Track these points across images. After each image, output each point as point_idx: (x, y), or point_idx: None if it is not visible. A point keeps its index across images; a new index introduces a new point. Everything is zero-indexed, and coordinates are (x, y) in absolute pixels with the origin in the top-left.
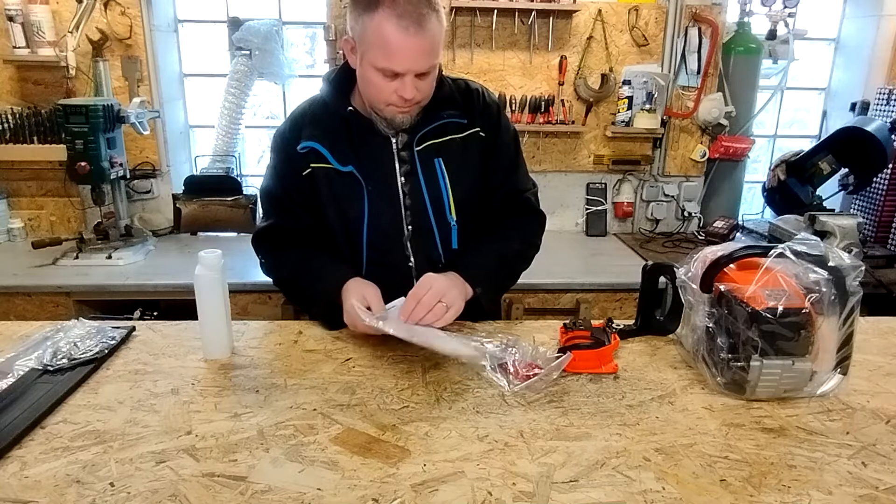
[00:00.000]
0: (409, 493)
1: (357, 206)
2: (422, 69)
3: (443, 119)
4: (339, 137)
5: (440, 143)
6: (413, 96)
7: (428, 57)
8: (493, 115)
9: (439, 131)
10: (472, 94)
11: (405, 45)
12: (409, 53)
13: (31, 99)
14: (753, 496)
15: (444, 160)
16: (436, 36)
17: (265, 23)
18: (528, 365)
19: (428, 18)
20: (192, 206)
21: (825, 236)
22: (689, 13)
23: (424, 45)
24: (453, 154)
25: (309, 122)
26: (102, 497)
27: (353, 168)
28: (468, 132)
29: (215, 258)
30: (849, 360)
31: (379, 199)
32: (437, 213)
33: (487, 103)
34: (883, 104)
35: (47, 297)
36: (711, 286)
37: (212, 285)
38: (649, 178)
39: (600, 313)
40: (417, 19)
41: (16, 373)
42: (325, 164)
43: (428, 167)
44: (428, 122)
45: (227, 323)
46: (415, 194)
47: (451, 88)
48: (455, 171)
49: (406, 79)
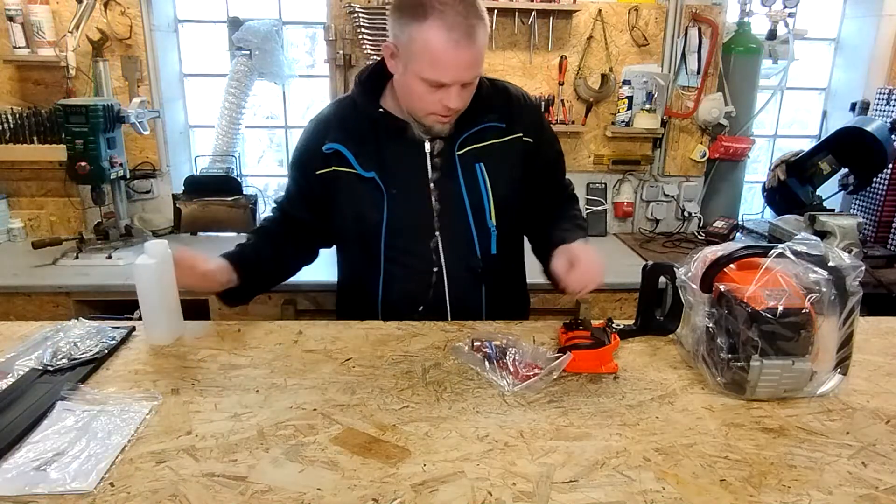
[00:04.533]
0: (409, 493)
1: (376, 212)
2: (469, 80)
3: (483, 124)
4: (366, 141)
5: (481, 147)
6: (457, 106)
7: (475, 68)
8: (536, 120)
9: (479, 135)
10: (511, 97)
11: (455, 58)
12: (458, 66)
13: (31, 99)
14: (753, 496)
15: (485, 165)
16: (483, 46)
17: (265, 23)
18: (528, 365)
19: (477, 28)
20: (192, 206)
21: (825, 236)
22: (689, 13)
23: (473, 56)
24: (494, 159)
25: (336, 123)
26: (102, 497)
27: (376, 174)
28: (509, 137)
29: (160, 247)
30: (849, 360)
31: (402, 205)
32: (477, 218)
33: (529, 107)
34: (883, 104)
35: (47, 297)
36: (711, 286)
37: (149, 273)
38: (649, 178)
39: (600, 313)
40: (467, 31)
41: (16, 373)
42: (347, 168)
43: (468, 171)
44: (468, 127)
45: (167, 310)
46: (449, 199)
47: (489, 91)
48: (496, 175)
49: (452, 89)
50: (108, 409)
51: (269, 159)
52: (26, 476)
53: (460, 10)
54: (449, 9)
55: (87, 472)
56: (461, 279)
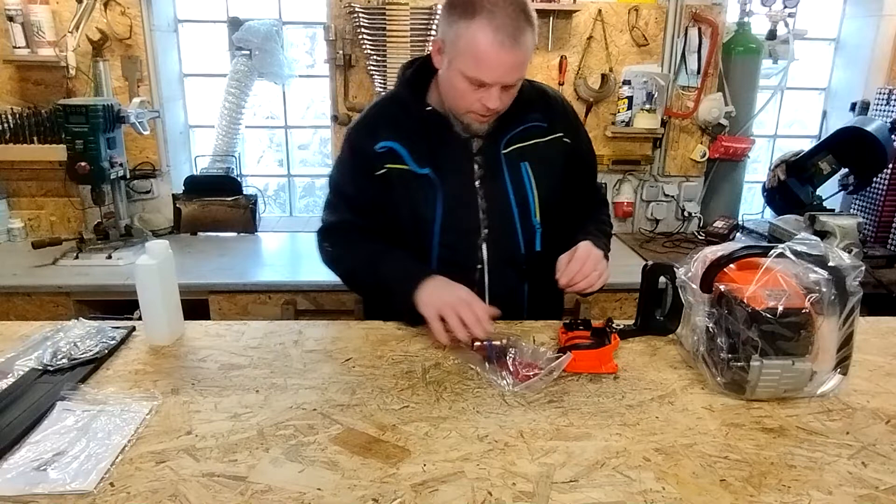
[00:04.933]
0: (409, 493)
1: (430, 208)
2: (510, 82)
3: (527, 123)
4: (418, 138)
5: (525, 146)
6: (496, 107)
7: (518, 71)
8: (573, 122)
9: (523, 135)
10: (550, 99)
11: (498, 59)
12: (500, 67)
13: (31, 99)
14: (753, 496)
15: (530, 163)
16: (529, 50)
17: (265, 23)
18: (528, 365)
19: (523, 32)
20: (192, 206)
21: (825, 236)
22: (689, 13)
23: (517, 59)
24: (538, 157)
25: (386, 122)
26: (102, 497)
27: (430, 170)
28: (551, 137)
29: (161, 247)
30: (849, 360)
31: (454, 201)
32: (522, 216)
33: (567, 110)
34: (883, 104)
35: (47, 297)
36: (711, 286)
37: (150, 273)
38: (649, 178)
39: (600, 313)
40: (513, 33)
41: (16, 373)
42: (401, 166)
43: (514, 170)
44: (513, 127)
45: (168, 310)
46: (495, 197)
47: (531, 92)
48: (540, 174)
49: (492, 90)
50: (108, 409)
51: (269, 159)
52: (26, 476)
53: (510, 12)
54: (499, 10)
55: (87, 472)
56: (505, 277)
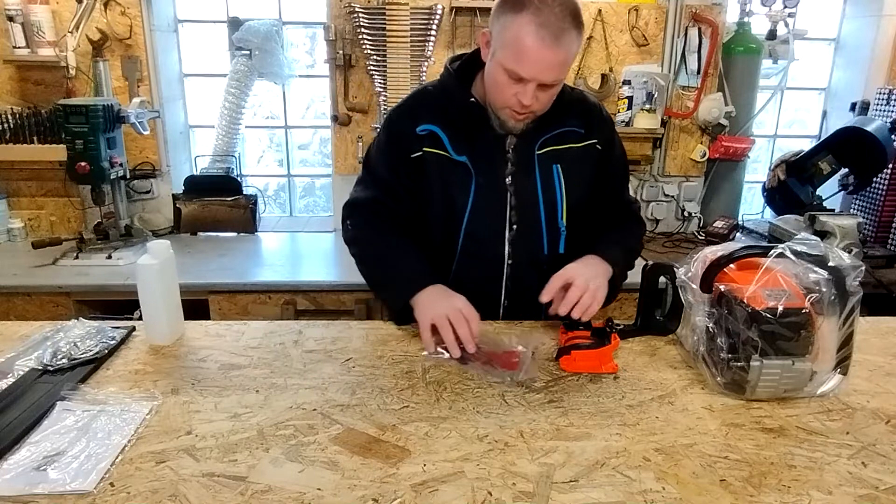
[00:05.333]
0: (409, 493)
1: (463, 196)
2: (547, 81)
3: (565, 127)
4: (458, 126)
5: (560, 149)
6: (530, 104)
7: (556, 70)
8: (609, 131)
9: (559, 138)
10: (590, 107)
11: (537, 54)
12: (539, 63)
13: (31, 99)
14: (753, 496)
15: (562, 167)
16: (570, 52)
17: (265, 23)
18: (508, 353)
19: (567, 34)
20: (192, 206)
21: (825, 236)
22: (689, 13)
23: (557, 58)
24: (571, 162)
25: (429, 107)
26: (102, 497)
27: (467, 158)
28: (586, 143)
29: (163, 248)
30: (849, 360)
31: (486, 193)
32: (549, 217)
33: (604, 118)
34: (883, 104)
35: (47, 297)
36: (711, 286)
37: (152, 273)
38: (649, 178)
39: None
40: (557, 32)
41: (16, 373)
42: (439, 150)
43: (546, 171)
44: (551, 128)
45: (168, 310)
46: (524, 195)
47: (571, 97)
48: (571, 178)
49: (529, 86)
50: (108, 409)
51: (269, 159)
52: (26, 476)
53: (557, 11)
54: (546, 7)
55: (87, 472)
56: (526, 276)
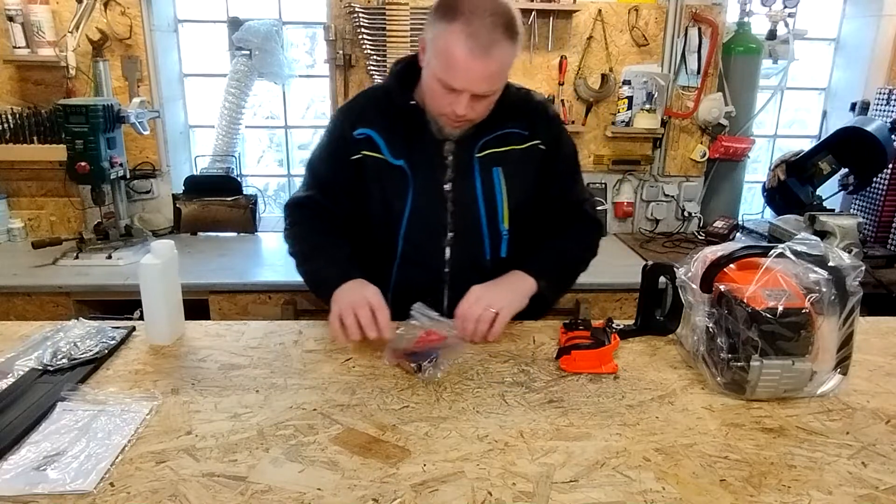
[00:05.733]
0: (409, 493)
1: (400, 201)
2: (479, 92)
3: (506, 129)
4: (396, 130)
5: (501, 152)
6: (464, 114)
7: (487, 82)
8: (555, 129)
9: (501, 140)
10: (534, 107)
11: (467, 66)
12: (468, 74)
13: (31, 99)
14: (753, 496)
15: (504, 170)
16: (502, 64)
17: (265, 23)
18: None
19: (498, 45)
20: (192, 206)
21: (825, 236)
22: (689, 13)
23: (486, 70)
24: (512, 164)
25: (370, 110)
26: (102, 497)
27: (404, 162)
28: (528, 144)
29: (165, 248)
30: (849, 360)
31: (424, 198)
32: (490, 221)
33: (550, 117)
34: (883, 104)
35: (47, 297)
36: (711, 286)
37: (154, 273)
38: (649, 178)
39: (600, 313)
40: (487, 44)
41: (16, 373)
42: (376, 154)
43: (486, 174)
44: (491, 131)
45: (170, 310)
46: (463, 200)
47: (514, 98)
48: (512, 181)
49: (462, 96)
50: (108, 409)
51: (269, 159)
52: (26, 476)
53: (488, 22)
54: (477, 18)
55: (87, 472)
56: (468, 281)
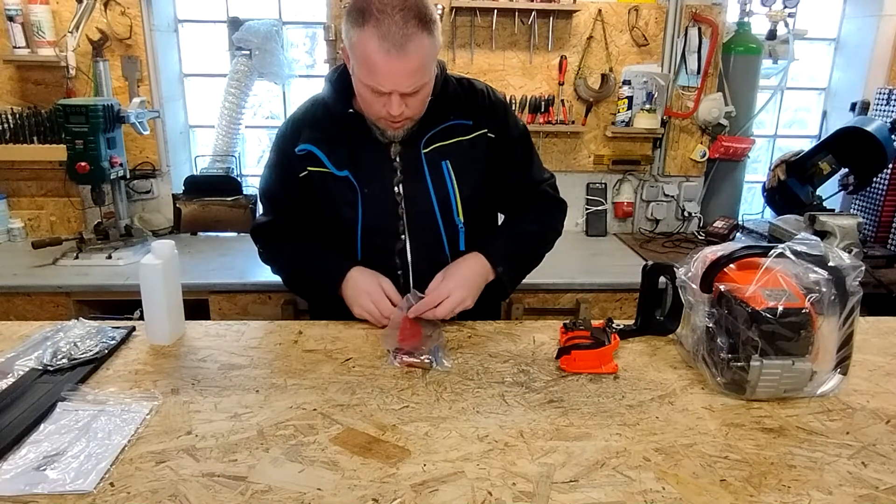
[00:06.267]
0: (409, 493)
1: (351, 211)
2: (405, 90)
3: (448, 122)
4: (338, 141)
5: (447, 145)
6: (400, 113)
7: (412, 78)
8: (500, 115)
9: (446, 133)
10: (476, 94)
11: (387, 67)
12: (391, 75)
13: (31, 99)
14: (753, 496)
15: (452, 162)
16: (424, 57)
17: (265, 23)
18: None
19: (413, 39)
20: (192, 206)
21: (825, 236)
22: (689, 13)
23: (408, 67)
24: (460, 156)
25: (309, 124)
26: (102, 497)
27: (349, 173)
28: (475, 134)
29: (166, 248)
30: (849, 360)
31: (374, 204)
32: (444, 215)
33: (493, 103)
34: (883, 104)
35: (47, 297)
36: (711, 286)
37: (155, 273)
38: (649, 178)
39: (600, 313)
40: (401, 41)
41: (16, 373)
42: (321, 168)
43: (435, 169)
44: (434, 125)
45: (170, 310)
46: (416, 199)
47: (455, 89)
48: (462, 172)
49: (393, 97)
50: (108, 409)
51: None
52: (26, 476)
53: (397, 19)
54: (386, 17)
55: (87, 472)
56: (430, 279)
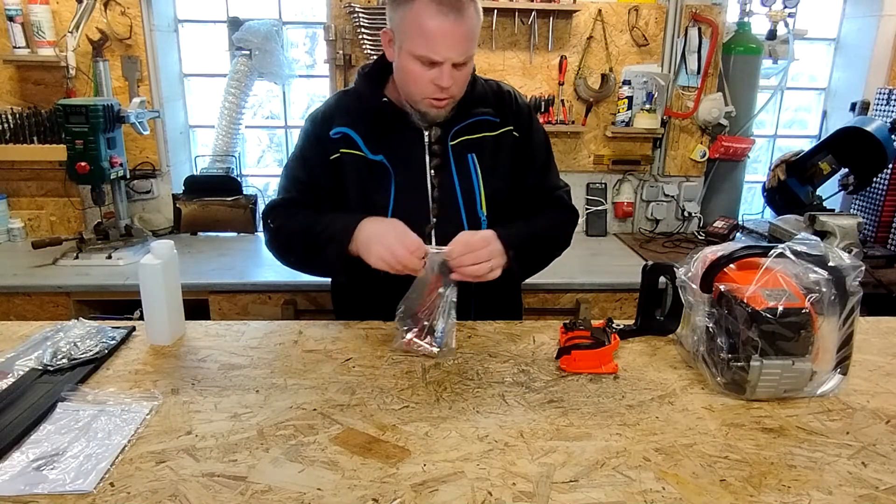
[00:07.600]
0: (409, 493)
1: (383, 195)
2: (459, 57)
3: (477, 116)
4: (372, 127)
5: (474, 139)
6: (450, 85)
7: (466, 44)
8: (526, 117)
9: (473, 128)
10: (504, 95)
11: (444, 31)
12: (447, 39)
13: (31, 99)
14: (753, 496)
15: (477, 156)
16: (474, 24)
17: (265, 23)
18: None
19: (466, 6)
20: (192, 206)
21: (825, 236)
22: (689, 13)
23: (463, 31)
24: (486, 151)
25: (343, 110)
26: (102, 497)
27: (384, 157)
28: (501, 131)
29: (166, 248)
30: (849, 360)
31: (406, 190)
32: (468, 207)
33: (520, 105)
34: (883, 104)
35: (47, 297)
36: (711, 286)
37: (155, 273)
38: (649, 178)
39: (600, 313)
40: (456, 5)
41: (16, 373)
42: (355, 151)
43: (461, 161)
44: (462, 119)
45: (170, 310)
46: (445, 187)
47: (483, 88)
48: (487, 167)
49: (444, 67)
50: (108, 409)
51: (269, 159)
52: (26, 476)
53: None
54: None
55: (87, 472)
56: None
